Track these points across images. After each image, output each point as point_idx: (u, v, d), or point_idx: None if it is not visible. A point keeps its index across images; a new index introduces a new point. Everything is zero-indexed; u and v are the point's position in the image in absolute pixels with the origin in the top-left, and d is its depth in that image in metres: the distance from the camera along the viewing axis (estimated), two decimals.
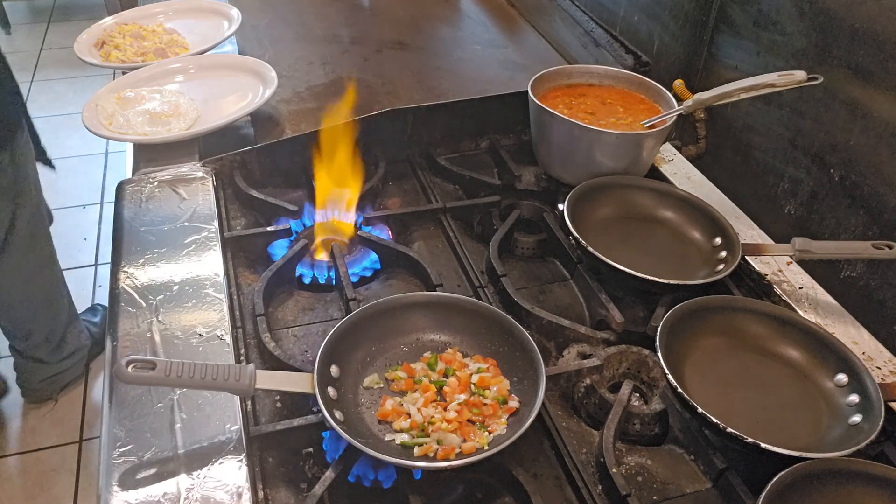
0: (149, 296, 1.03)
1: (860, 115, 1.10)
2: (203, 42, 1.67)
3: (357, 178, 1.28)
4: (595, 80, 1.44)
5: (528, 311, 1.07)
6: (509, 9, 2.03)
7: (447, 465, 0.82)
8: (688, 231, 1.23)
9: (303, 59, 1.69)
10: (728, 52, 1.38)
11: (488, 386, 0.92)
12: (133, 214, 1.18)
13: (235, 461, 0.82)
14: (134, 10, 1.84)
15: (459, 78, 1.65)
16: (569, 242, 1.21)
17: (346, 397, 0.91)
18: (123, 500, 0.78)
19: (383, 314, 0.99)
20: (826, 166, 1.18)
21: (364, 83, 1.59)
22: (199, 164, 1.30)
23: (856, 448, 0.83)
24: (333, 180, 1.26)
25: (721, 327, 1.02)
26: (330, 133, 1.26)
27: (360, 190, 1.28)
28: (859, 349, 1.02)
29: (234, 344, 0.97)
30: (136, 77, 1.50)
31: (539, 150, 1.37)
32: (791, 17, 1.21)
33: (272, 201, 1.28)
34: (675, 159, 1.44)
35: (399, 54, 1.74)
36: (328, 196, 1.26)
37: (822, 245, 1.08)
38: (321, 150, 1.27)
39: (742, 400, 0.94)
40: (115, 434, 0.84)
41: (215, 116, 1.38)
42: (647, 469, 0.92)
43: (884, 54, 1.05)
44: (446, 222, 1.29)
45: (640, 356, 1.02)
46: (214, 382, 0.81)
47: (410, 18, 1.95)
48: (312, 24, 1.88)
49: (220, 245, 1.13)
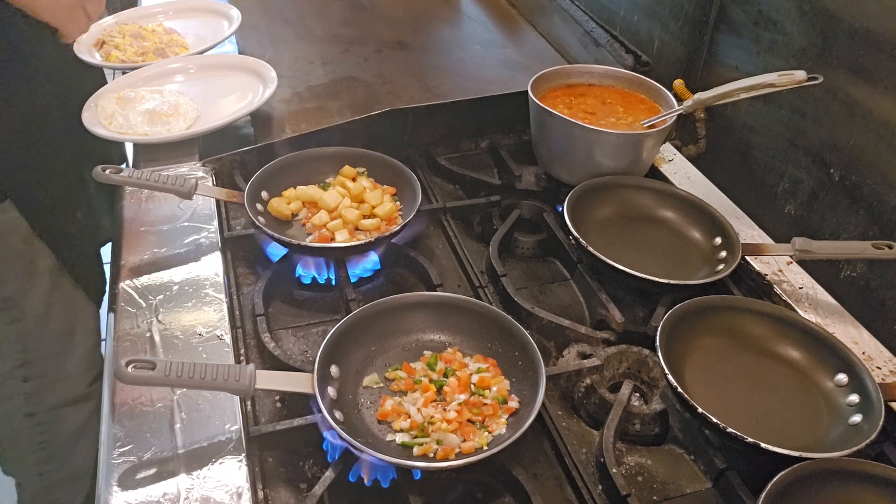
0: (149, 296, 1.03)
1: (860, 115, 1.10)
2: (203, 42, 1.67)
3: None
4: (595, 80, 1.44)
5: (528, 311, 1.07)
6: (509, 9, 2.03)
7: (447, 465, 0.82)
8: (688, 231, 1.23)
9: (303, 59, 1.69)
10: (728, 51, 1.38)
11: (488, 386, 0.92)
12: (133, 214, 1.19)
13: (235, 461, 0.82)
14: (134, 9, 1.84)
15: (459, 78, 1.65)
16: (569, 242, 1.21)
17: (346, 397, 0.91)
18: (123, 500, 0.78)
19: (383, 314, 0.99)
20: (826, 166, 1.18)
21: (364, 83, 1.59)
22: (199, 163, 1.30)
23: (856, 448, 0.83)
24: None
25: (721, 327, 1.02)
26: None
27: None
28: (859, 349, 1.02)
29: (233, 344, 0.97)
30: (135, 77, 1.50)
31: (539, 150, 1.37)
32: (791, 17, 1.21)
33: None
34: (675, 159, 1.44)
35: (399, 54, 1.74)
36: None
37: (822, 245, 1.08)
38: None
39: (742, 400, 0.94)
40: (115, 434, 0.84)
41: (215, 116, 1.38)
42: (647, 469, 0.92)
43: (884, 54, 1.05)
44: (446, 222, 1.29)
45: (640, 356, 1.02)
46: (214, 382, 0.81)
47: (410, 18, 1.95)
48: (312, 24, 1.88)
49: (220, 245, 1.13)
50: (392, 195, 1.24)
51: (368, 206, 1.19)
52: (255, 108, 1.38)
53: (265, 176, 1.21)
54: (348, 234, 1.14)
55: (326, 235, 1.14)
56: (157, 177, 1.12)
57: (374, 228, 1.15)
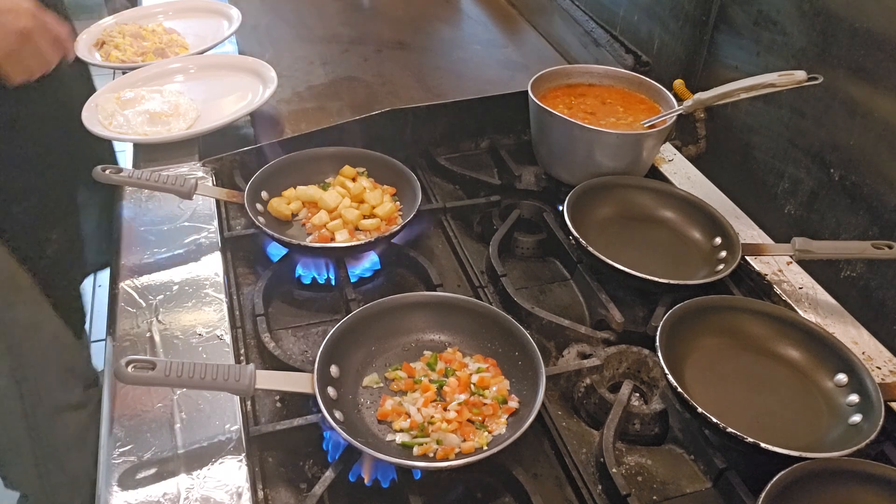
0: (148, 296, 1.03)
1: (860, 115, 1.10)
2: (203, 42, 1.67)
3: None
4: (595, 80, 1.44)
5: (528, 311, 1.07)
6: (509, 9, 2.03)
7: (447, 465, 0.82)
8: (688, 231, 1.23)
9: (303, 59, 1.69)
10: (728, 51, 1.38)
11: (488, 386, 0.92)
12: (133, 214, 1.19)
13: (235, 461, 0.82)
14: (134, 9, 1.84)
15: (459, 78, 1.65)
16: (569, 242, 1.21)
17: (346, 397, 0.91)
18: (123, 500, 0.78)
19: (383, 314, 0.99)
20: (826, 166, 1.18)
21: (364, 83, 1.59)
22: (199, 163, 1.30)
23: (856, 448, 0.83)
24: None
25: (721, 327, 1.02)
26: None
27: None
28: (859, 349, 1.02)
29: (233, 344, 0.97)
30: (135, 77, 1.50)
31: (539, 150, 1.37)
32: (791, 17, 1.21)
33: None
34: (675, 159, 1.44)
35: (399, 54, 1.74)
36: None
37: (822, 245, 1.08)
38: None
39: (742, 400, 0.94)
40: (115, 434, 0.84)
41: (215, 116, 1.38)
42: (647, 469, 0.92)
43: (884, 54, 1.05)
44: (446, 222, 1.29)
45: (640, 356, 1.02)
46: (214, 382, 0.81)
47: (410, 18, 1.95)
48: (312, 24, 1.88)
49: (219, 245, 1.13)
50: (392, 195, 1.24)
51: (368, 206, 1.20)
52: (255, 108, 1.38)
53: (265, 176, 1.21)
54: (348, 234, 1.14)
55: (326, 235, 1.14)
56: (157, 177, 1.13)
57: (374, 228, 1.15)
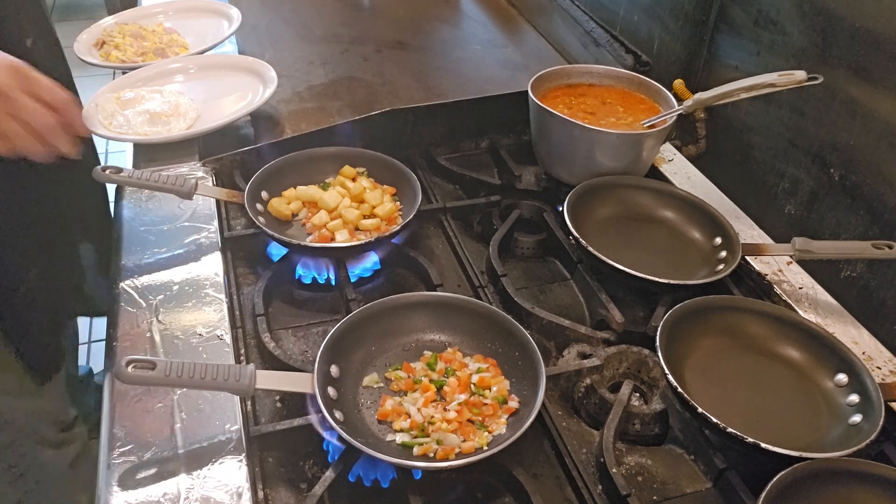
0: (149, 296, 1.03)
1: (860, 115, 1.10)
2: (203, 42, 1.67)
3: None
4: (595, 80, 1.44)
5: (528, 311, 1.07)
6: (509, 9, 2.03)
7: (447, 465, 0.82)
8: (688, 231, 1.23)
9: (303, 59, 1.69)
10: (728, 51, 1.38)
11: (488, 386, 0.92)
12: (133, 214, 1.19)
13: (235, 461, 0.82)
14: (134, 9, 1.84)
15: (459, 78, 1.65)
16: (569, 242, 1.21)
17: (346, 397, 0.91)
18: (123, 500, 0.78)
19: (383, 314, 0.99)
20: (826, 166, 1.18)
21: (364, 83, 1.59)
22: (199, 163, 1.30)
23: (856, 448, 0.83)
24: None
25: (721, 327, 1.02)
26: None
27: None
28: (859, 349, 1.02)
29: (233, 344, 0.97)
30: (136, 77, 1.50)
31: (539, 150, 1.37)
32: (791, 17, 1.21)
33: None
34: (675, 159, 1.44)
35: (399, 54, 1.74)
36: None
37: (822, 245, 1.08)
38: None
39: (742, 400, 0.94)
40: (115, 434, 0.84)
41: (215, 116, 1.38)
42: (647, 469, 0.92)
43: (884, 54, 1.05)
44: (446, 222, 1.29)
45: (640, 356, 1.02)
46: (214, 382, 0.81)
47: (410, 18, 1.95)
48: (312, 24, 1.88)
49: (219, 245, 1.13)
50: (392, 195, 1.24)
51: (368, 206, 1.20)
52: (255, 108, 1.38)
53: (265, 176, 1.21)
54: (348, 234, 1.14)
55: (326, 235, 1.14)
56: (157, 177, 1.13)
57: (374, 228, 1.15)
